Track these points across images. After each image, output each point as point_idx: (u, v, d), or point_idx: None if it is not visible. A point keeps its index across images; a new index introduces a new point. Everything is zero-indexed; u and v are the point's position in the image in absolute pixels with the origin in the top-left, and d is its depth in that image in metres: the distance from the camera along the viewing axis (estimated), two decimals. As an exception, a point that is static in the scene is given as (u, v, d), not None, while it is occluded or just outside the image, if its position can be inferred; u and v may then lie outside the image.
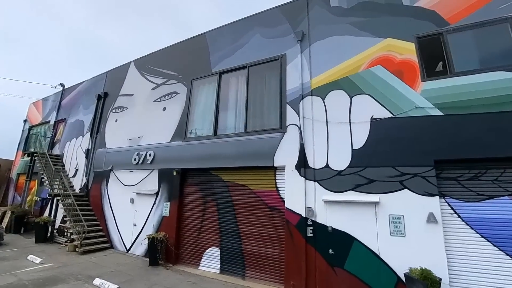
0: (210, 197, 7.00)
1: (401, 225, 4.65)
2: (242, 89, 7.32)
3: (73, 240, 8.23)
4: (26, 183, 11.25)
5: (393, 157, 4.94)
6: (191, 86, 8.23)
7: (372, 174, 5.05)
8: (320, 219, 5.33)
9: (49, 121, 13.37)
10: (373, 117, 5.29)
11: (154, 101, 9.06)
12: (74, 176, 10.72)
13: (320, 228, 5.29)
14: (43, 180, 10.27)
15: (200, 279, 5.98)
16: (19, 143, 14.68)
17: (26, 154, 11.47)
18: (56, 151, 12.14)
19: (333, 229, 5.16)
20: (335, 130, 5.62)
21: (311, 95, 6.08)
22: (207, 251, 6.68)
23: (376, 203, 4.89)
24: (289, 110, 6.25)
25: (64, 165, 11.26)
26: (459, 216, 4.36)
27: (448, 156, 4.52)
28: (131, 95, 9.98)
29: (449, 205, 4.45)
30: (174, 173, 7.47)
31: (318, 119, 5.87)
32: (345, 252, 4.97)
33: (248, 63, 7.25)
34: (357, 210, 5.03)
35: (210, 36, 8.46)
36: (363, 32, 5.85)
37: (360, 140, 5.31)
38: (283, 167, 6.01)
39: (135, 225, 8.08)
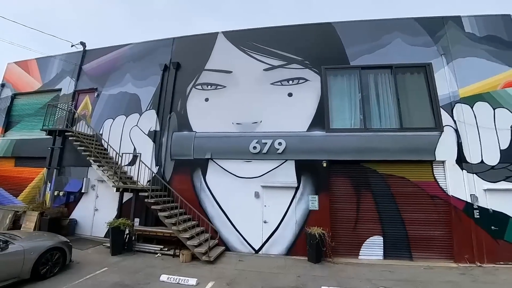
0: (363, 189, 7.17)
1: (542, 205, 6.53)
2: (385, 88, 7.79)
3: (182, 247, 6.50)
4: (47, 172, 7.46)
5: (531, 156, 6.79)
6: (325, 74, 7.95)
7: (516, 168, 6.76)
8: (481, 204, 6.65)
9: (58, 89, 9.24)
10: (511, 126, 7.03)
11: (271, 84, 8.12)
12: (131, 164, 8.13)
13: (482, 210, 6.60)
14: (97, 166, 7.28)
15: (383, 267, 6.17)
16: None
17: (46, 132, 7.59)
18: (80, 129, 8.65)
19: (493, 210, 6.58)
20: (484, 133, 7.05)
21: (460, 103, 7.31)
22: (367, 240, 6.88)
23: (522, 190, 6.60)
24: (442, 112, 7.28)
25: (106, 149, 8.30)
26: None
27: None
28: (229, 72, 8.48)
29: None
30: (324, 164, 7.16)
31: (469, 123, 7.16)
32: (504, 227, 6.48)
33: (394, 64, 7.77)
34: (510, 195, 6.63)
35: (339, 27, 8.36)
36: (495, 59, 7.51)
37: (505, 142, 6.93)
38: (441, 162, 7.01)
39: (265, 222, 7.17)
